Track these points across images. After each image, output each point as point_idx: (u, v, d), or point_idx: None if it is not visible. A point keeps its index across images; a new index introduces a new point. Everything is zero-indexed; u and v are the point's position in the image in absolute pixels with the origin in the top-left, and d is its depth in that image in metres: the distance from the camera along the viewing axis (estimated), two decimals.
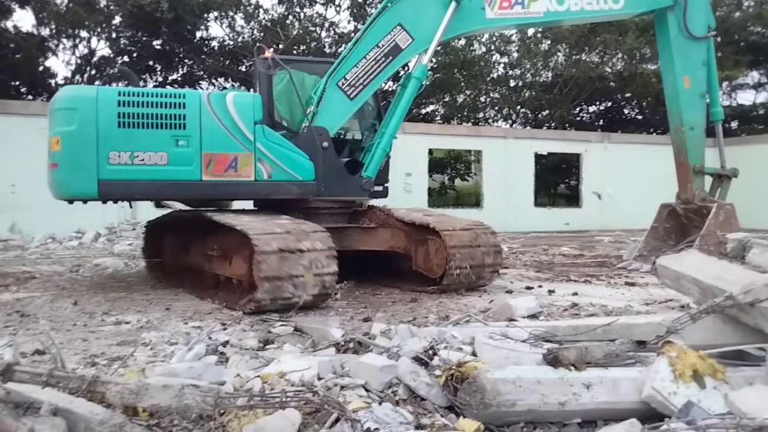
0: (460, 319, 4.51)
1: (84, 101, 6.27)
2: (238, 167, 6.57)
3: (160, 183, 6.38)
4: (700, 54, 8.33)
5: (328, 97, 7.18)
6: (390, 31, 7.30)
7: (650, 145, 21.15)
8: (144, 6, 17.65)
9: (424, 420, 2.66)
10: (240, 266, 6.06)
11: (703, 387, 2.43)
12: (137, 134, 6.27)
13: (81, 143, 6.16)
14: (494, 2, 7.74)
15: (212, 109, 6.52)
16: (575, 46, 22.75)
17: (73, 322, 5.21)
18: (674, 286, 3.45)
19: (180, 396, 2.16)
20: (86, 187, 6.23)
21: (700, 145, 8.45)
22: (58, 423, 2.05)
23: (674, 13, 8.20)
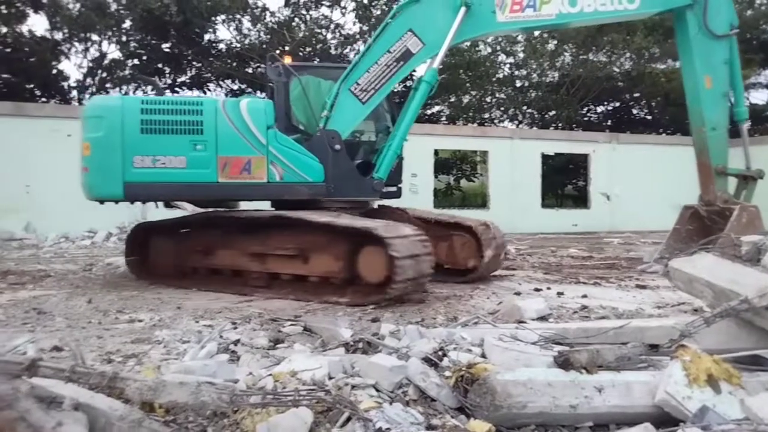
0: (469, 321, 4.52)
1: (110, 109, 6.77)
2: (252, 169, 6.91)
3: (180, 185, 6.81)
4: (722, 53, 8.10)
5: (341, 101, 7.41)
6: (401, 36, 7.49)
7: (659, 146, 21.05)
8: (153, 10, 17.79)
9: (435, 421, 2.67)
10: (327, 264, 6.45)
11: (718, 392, 2.42)
12: (159, 139, 6.72)
13: (108, 148, 6.64)
14: (505, 5, 7.77)
15: (227, 115, 6.89)
16: (582, 45, 22.66)
17: (88, 320, 5.28)
18: (687, 289, 3.44)
19: (196, 393, 2.19)
20: (113, 189, 6.73)
21: (723, 146, 8.24)
22: (79, 417, 2.09)
23: (694, 12, 8.01)
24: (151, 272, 7.56)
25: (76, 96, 20.99)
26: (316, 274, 6.57)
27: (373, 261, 6.14)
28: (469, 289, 7.09)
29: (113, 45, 20.62)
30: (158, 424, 2.30)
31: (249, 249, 6.95)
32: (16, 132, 13.46)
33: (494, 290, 7.03)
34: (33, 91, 20.01)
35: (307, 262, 6.61)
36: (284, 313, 5.52)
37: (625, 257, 10.78)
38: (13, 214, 13.11)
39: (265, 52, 20.14)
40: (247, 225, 6.99)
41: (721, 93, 8.28)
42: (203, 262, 7.34)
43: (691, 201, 9.00)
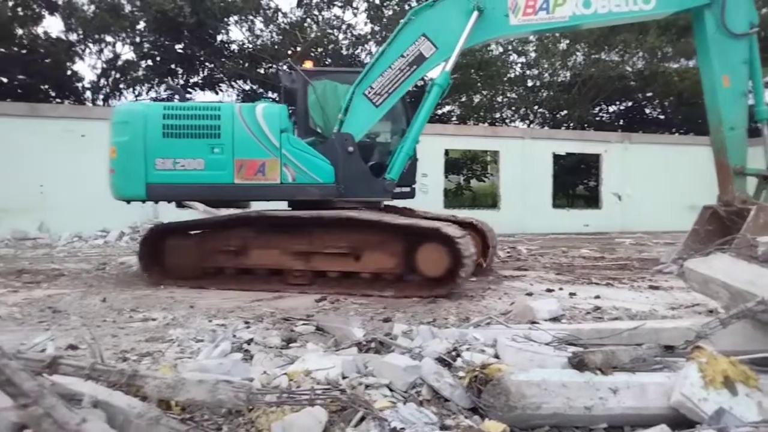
0: (481, 321, 4.52)
1: (135, 115, 7.17)
2: (266, 171, 7.23)
3: (198, 186, 7.18)
4: (741, 52, 7.97)
5: (355, 105, 7.66)
6: (414, 41, 7.66)
7: (672, 146, 20.86)
8: (167, 11, 17.89)
9: (448, 421, 2.68)
10: (382, 261, 6.94)
11: (734, 394, 2.40)
12: (179, 143, 7.11)
13: (132, 152, 7.07)
14: (518, 9, 7.79)
15: (243, 119, 7.21)
16: (595, 45, 22.50)
17: (102, 318, 5.34)
18: (702, 290, 3.42)
19: (214, 391, 2.21)
20: (137, 189, 7.16)
21: (742, 146, 8.11)
22: (99, 415, 2.12)
23: (711, 11, 7.90)
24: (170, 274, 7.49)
25: (90, 97, 21.18)
26: (369, 271, 6.98)
27: (435, 257, 6.67)
28: (481, 290, 7.09)
29: (127, 46, 20.80)
30: (176, 422, 2.33)
31: (293, 248, 7.17)
32: (30, 132, 13.60)
33: (506, 291, 7.02)
34: (47, 92, 20.19)
35: (358, 260, 7.00)
36: (296, 313, 5.55)
37: (637, 258, 10.71)
38: (27, 213, 13.26)
39: (277, 52, 20.24)
40: (287, 224, 7.21)
41: (740, 92, 8.14)
42: (233, 262, 7.38)
43: (703, 201, 8.90)
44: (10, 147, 13.37)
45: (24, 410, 1.82)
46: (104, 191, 13.68)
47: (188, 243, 7.56)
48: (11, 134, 13.45)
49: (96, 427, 1.90)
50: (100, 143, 13.85)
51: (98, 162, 13.76)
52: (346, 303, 6.28)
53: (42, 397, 1.80)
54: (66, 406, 1.84)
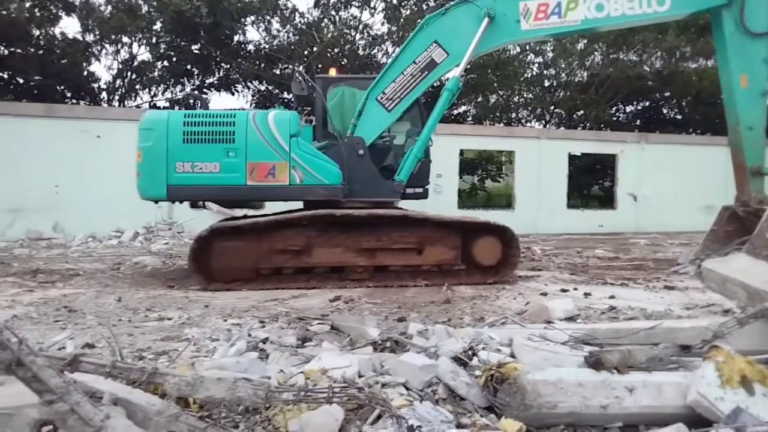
0: (497, 321, 4.52)
1: (158, 123, 7.70)
2: (276, 174, 7.65)
3: (214, 187, 7.64)
4: (761, 51, 7.83)
5: (368, 109, 8.06)
6: (427, 48, 7.96)
7: (689, 146, 20.63)
8: (184, 11, 18.00)
9: (464, 419, 2.69)
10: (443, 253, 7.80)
11: (751, 393, 2.39)
12: (197, 148, 7.59)
13: (155, 156, 7.58)
14: (529, 14, 7.87)
15: (256, 125, 7.65)
16: (613, 45, 22.33)
17: (118, 318, 5.40)
18: (719, 290, 3.40)
19: (233, 389, 2.24)
20: (159, 190, 7.66)
21: (759, 146, 8.00)
22: (119, 411, 2.15)
23: (730, 11, 7.81)
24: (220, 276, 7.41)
25: (106, 98, 21.39)
26: (431, 263, 7.76)
27: (491, 249, 7.80)
28: (495, 290, 7.09)
29: (143, 47, 20.96)
30: (194, 419, 2.36)
31: (360, 245, 7.63)
32: (46, 133, 13.74)
33: (520, 291, 7.01)
34: (64, 93, 20.39)
35: (421, 254, 7.74)
36: (311, 312, 5.59)
37: (652, 258, 10.62)
38: (42, 213, 13.38)
39: (293, 53, 20.32)
40: (350, 224, 7.65)
41: (759, 92, 8.00)
42: (294, 261, 7.57)
43: (719, 202, 8.80)
44: (26, 147, 13.53)
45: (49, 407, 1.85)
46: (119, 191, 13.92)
47: (241, 244, 7.50)
48: (27, 134, 13.62)
49: (119, 423, 1.93)
50: (115, 144, 14.11)
51: (113, 162, 13.99)
52: (360, 303, 6.31)
53: (68, 394, 1.84)
54: (90, 403, 1.88)
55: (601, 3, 7.87)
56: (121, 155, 14.11)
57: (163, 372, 2.24)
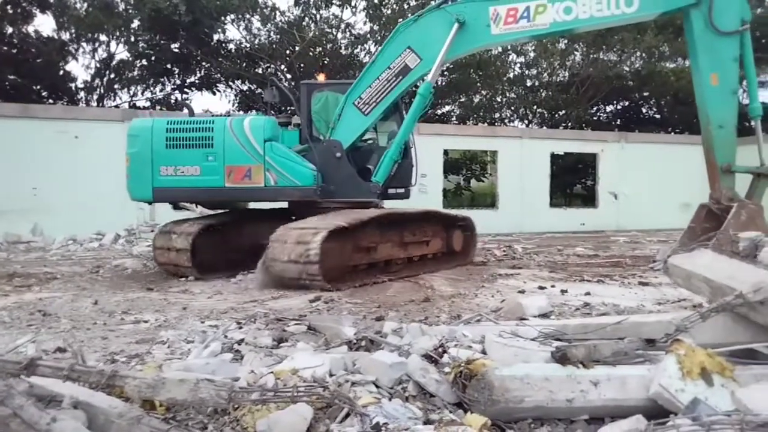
0: (471, 318, 4.54)
1: (143, 129, 8.23)
2: (252, 176, 8.05)
3: (195, 189, 8.14)
4: (731, 49, 7.82)
5: (346, 113, 8.38)
6: (400, 53, 8.27)
7: (668, 145, 20.92)
8: (162, 9, 17.85)
9: (433, 416, 2.70)
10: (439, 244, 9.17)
11: (710, 385, 2.44)
12: (179, 153, 8.10)
13: (141, 161, 8.11)
14: (499, 18, 8.03)
15: (233, 131, 8.08)
16: (592, 45, 22.56)
17: (93, 321, 5.34)
18: (685, 285, 3.45)
19: (195, 390, 2.23)
20: (145, 193, 8.24)
21: (730, 144, 7.98)
22: (78, 415, 2.13)
23: (699, 10, 7.81)
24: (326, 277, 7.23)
25: (84, 97, 21.11)
26: (432, 252, 8.96)
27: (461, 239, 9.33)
28: (474, 288, 7.12)
29: (121, 45, 20.74)
30: (158, 422, 2.34)
31: (404, 239, 8.42)
32: (23, 134, 13.56)
33: (499, 289, 7.05)
34: (40, 93, 20.07)
35: (428, 245, 8.86)
36: (290, 313, 5.56)
37: (630, 255, 10.75)
38: (20, 216, 13.19)
39: (275, 52, 20.23)
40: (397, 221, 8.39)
41: (729, 91, 8.04)
42: (366, 258, 7.95)
43: (698, 200, 8.87)
44: (2, 148, 13.35)
45: None
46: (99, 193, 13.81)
47: (337, 244, 7.36)
48: (3, 135, 13.43)
49: (67, 426, 1.91)
50: (94, 145, 13.98)
51: (93, 164, 13.86)
52: (340, 303, 6.30)
53: (10, 398, 1.81)
54: (36, 407, 1.85)
55: (569, 6, 7.97)
56: (101, 156, 14.01)
57: (124, 374, 2.22)
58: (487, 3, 8.13)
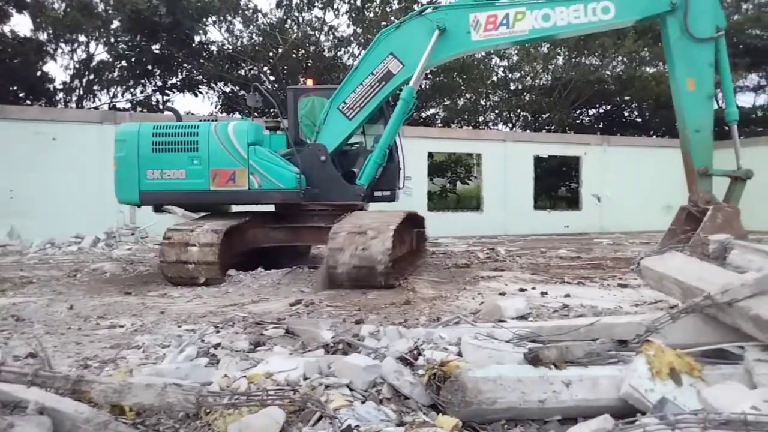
0: (450, 321, 4.54)
1: (130, 134, 8.39)
2: (236, 179, 8.22)
3: (181, 192, 8.31)
4: (706, 55, 8.01)
5: (330, 118, 8.56)
6: (383, 59, 8.44)
7: (649, 148, 21.19)
8: (142, 11, 17.69)
9: (407, 418, 2.70)
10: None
11: (679, 384, 2.47)
12: (165, 157, 8.28)
13: (128, 165, 8.29)
14: (479, 25, 8.22)
15: (217, 135, 8.24)
16: (574, 49, 22.80)
17: (67, 326, 5.25)
18: (657, 287, 3.48)
19: (162, 395, 2.20)
20: (132, 196, 8.40)
21: (706, 148, 8.17)
22: (43, 421, 2.09)
23: (675, 17, 8.00)
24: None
25: (63, 99, 20.80)
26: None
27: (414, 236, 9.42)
28: (455, 290, 7.13)
29: (101, 46, 20.49)
30: (125, 427, 2.31)
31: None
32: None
33: (480, 291, 7.07)
34: (17, 94, 19.74)
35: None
36: (269, 317, 5.52)
37: (611, 257, 10.85)
38: None
39: (258, 54, 20.15)
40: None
41: (705, 95, 8.18)
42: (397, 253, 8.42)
43: (679, 202, 9.00)
44: None
45: None
46: (78, 196, 13.65)
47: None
48: None
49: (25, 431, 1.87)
50: (72, 147, 13.81)
51: (71, 166, 13.69)
52: (320, 306, 6.26)
53: None
54: None
55: (547, 13, 8.13)
56: (79, 158, 13.86)
57: (90, 379, 2.19)
58: (468, 10, 8.32)
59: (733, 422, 1.90)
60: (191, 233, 7.81)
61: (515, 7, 8.22)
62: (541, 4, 8.25)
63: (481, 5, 8.28)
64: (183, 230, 7.97)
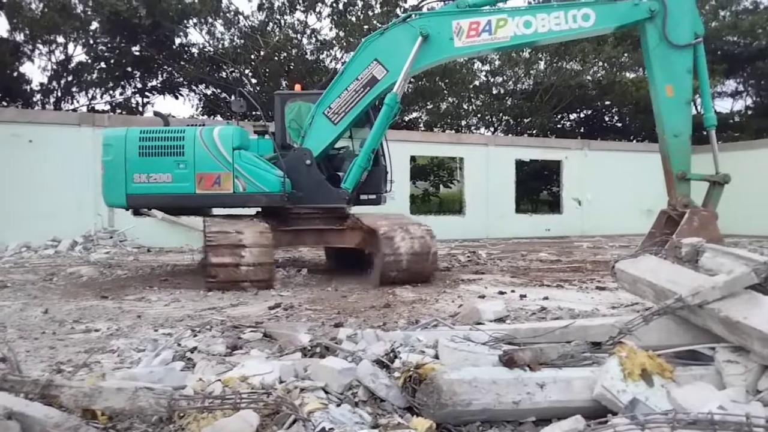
0: (428, 323, 4.55)
1: (117, 139, 8.48)
2: (221, 183, 8.35)
3: (167, 195, 8.40)
4: (684, 62, 8.14)
5: (316, 123, 8.66)
6: (368, 65, 8.53)
7: (629, 152, 21.46)
8: (121, 12, 17.48)
9: (383, 420, 2.70)
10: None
11: (651, 385, 2.50)
12: (152, 161, 8.37)
13: (115, 169, 8.39)
14: (462, 32, 8.32)
15: (203, 140, 8.37)
16: (555, 54, 23.04)
17: (42, 330, 5.17)
18: (632, 290, 3.52)
19: (134, 398, 2.17)
20: (120, 199, 8.48)
21: (685, 152, 8.30)
22: (11, 426, 2.05)
23: (654, 24, 8.12)
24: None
25: (40, 100, 20.46)
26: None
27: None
28: (435, 293, 7.15)
29: (80, 47, 20.19)
30: (97, 431, 2.28)
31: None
32: None
33: (460, 294, 7.10)
34: None
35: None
36: (248, 320, 5.49)
37: (591, 260, 10.96)
38: None
39: (239, 56, 20.03)
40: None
41: (684, 101, 8.29)
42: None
43: (659, 206, 9.11)
44: None
45: None
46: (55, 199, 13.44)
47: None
48: None
49: None
50: (50, 149, 13.60)
51: (48, 169, 13.47)
52: (300, 309, 6.24)
53: None
54: None
55: (528, 20, 8.26)
56: (57, 161, 13.66)
57: (59, 384, 2.15)
58: (450, 17, 8.43)
59: (701, 422, 1.92)
60: (242, 234, 7.76)
61: (497, 14, 8.35)
62: (523, 12, 8.42)
63: (464, 12, 8.40)
64: (230, 231, 7.84)
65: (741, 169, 12.31)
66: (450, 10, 8.56)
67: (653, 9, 8.01)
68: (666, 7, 7.98)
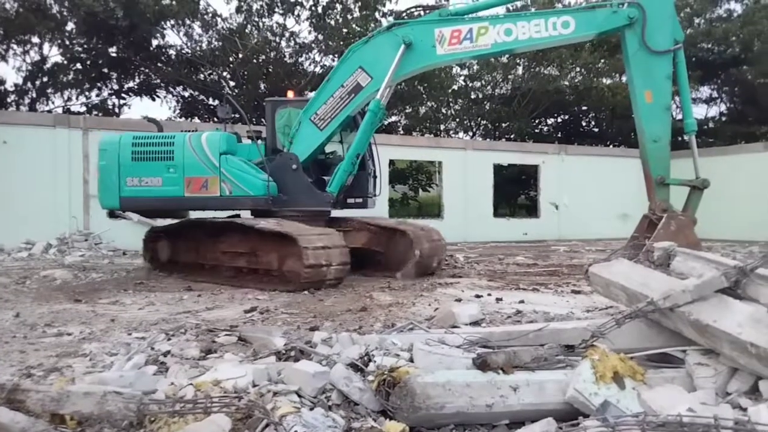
0: (404, 327, 4.55)
1: (111, 144, 9.01)
2: (209, 186, 8.72)
3: (157, 198, 8.82)
4: (664, 68, 8.19)
5: (302, 129, 8.92)
6: (352, 72, 8.75)
7: (605, 157, 21.76)
8: (98, 13, 17.21)
9: (356, 424, 2.69)
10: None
11: (622, 388, 2.53)
12: (143, 165, 8.85)
13: (109, 173, 8.90)
14: (444, 40, 8.50)
15: (191, 145, 8.76)
16: (533, 59, 23.28)
17: (12, 334, 5.06)
18: (605, 293, 3.57)
19: (102, 403, 2.14)
20: (114, 202, 8.96)
21: (664, 158, 8.35)
22: None
23: (633, 30, 8.19)
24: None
25: (15, 101, 20.04)
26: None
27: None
28: (413, 297, 7.15)
29: (55, 48, 19.83)
30: None
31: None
32: None
33: (437, 297, 7.11)
34: None
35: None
36: (223, 324, 5.43)
37: (567, 264, 11.07)
38: None
39: (217, 59, 19.86)
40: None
41: (663, 107, 8.33)
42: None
43: (635, 210, 9.26)
44: None
45: None
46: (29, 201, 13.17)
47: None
48: None
49: None
50: (24, 150, 13.33)
51: (22, 170, 13.21)
52: (276, 313, 6.19)
53: None
54: None
55: (509, 28, 8.37)
56: (31, 162, 13.39)
57: (26, 388, 2.11)
58: (433, 25, 8.58)
59: (670, 424, 1.96)
60: (326, 237, 7.86)
61: (478, 22, 8.47)
62: (503, 20, 8.52)
63: (446, 21, 8.52)
64: (317, 234, 7.81)
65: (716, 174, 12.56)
66: (432, 18, 8.69)
67: (632, 16, 8.10)
68: (645, 14, 8.06)
